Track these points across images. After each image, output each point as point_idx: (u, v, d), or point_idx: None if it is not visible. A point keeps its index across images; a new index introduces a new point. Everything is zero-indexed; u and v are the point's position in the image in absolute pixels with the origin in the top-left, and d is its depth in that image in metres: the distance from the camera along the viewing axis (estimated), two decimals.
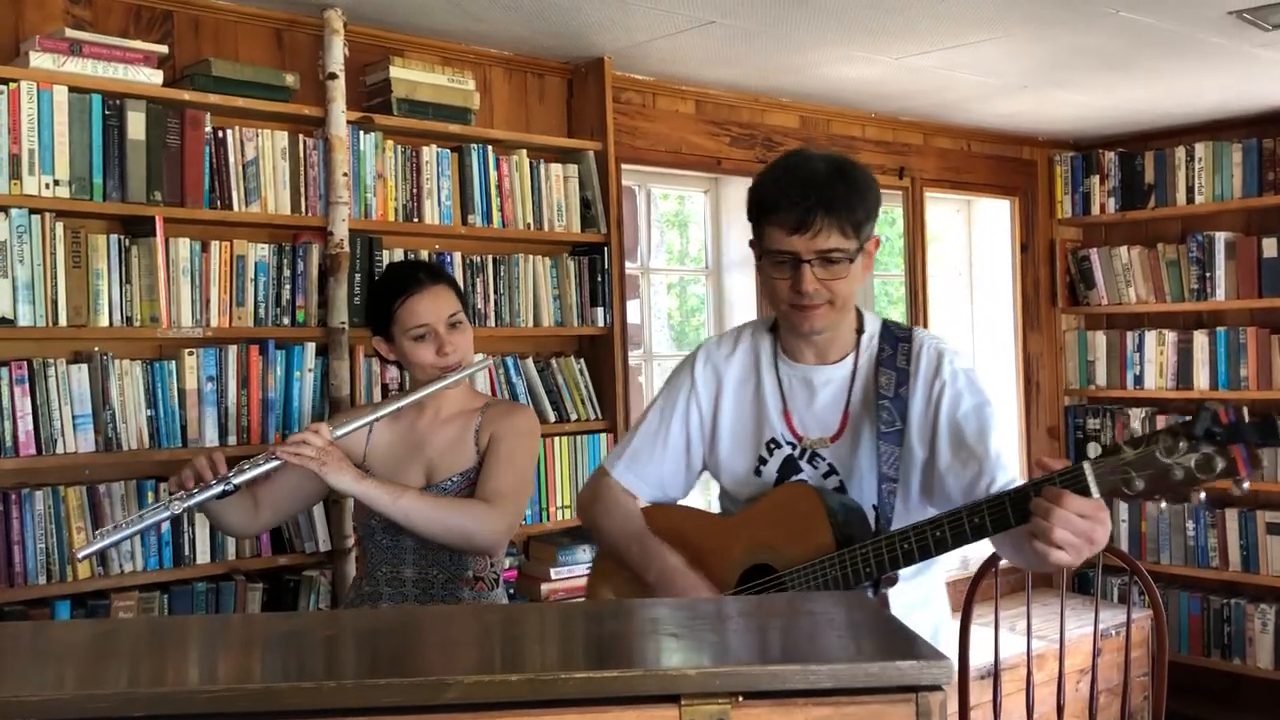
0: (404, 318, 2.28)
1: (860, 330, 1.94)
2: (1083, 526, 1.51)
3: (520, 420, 2.35)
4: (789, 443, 1.93)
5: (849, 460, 1.89)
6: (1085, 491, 1.53)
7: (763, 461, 1.95)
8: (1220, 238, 4.63)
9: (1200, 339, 4.71)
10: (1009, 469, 1.80)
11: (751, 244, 1.91)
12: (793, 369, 1.95)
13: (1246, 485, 1.49)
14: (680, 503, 2.12)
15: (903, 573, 1.80)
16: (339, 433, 2.14)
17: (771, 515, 1.88)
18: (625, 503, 2.05)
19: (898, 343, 1.91)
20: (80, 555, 2.02)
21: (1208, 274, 4.66)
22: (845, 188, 1.79)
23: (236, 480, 2.05)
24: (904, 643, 1.07)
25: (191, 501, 2.03)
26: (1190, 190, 4.73)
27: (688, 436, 2.02)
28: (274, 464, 2.09)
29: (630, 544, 1.98)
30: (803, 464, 1.92)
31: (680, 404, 2.02)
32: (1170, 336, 4.81)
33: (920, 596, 1.92)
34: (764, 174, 1.87)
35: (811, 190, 1.78)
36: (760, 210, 1.85)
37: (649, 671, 1.00)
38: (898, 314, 4.71)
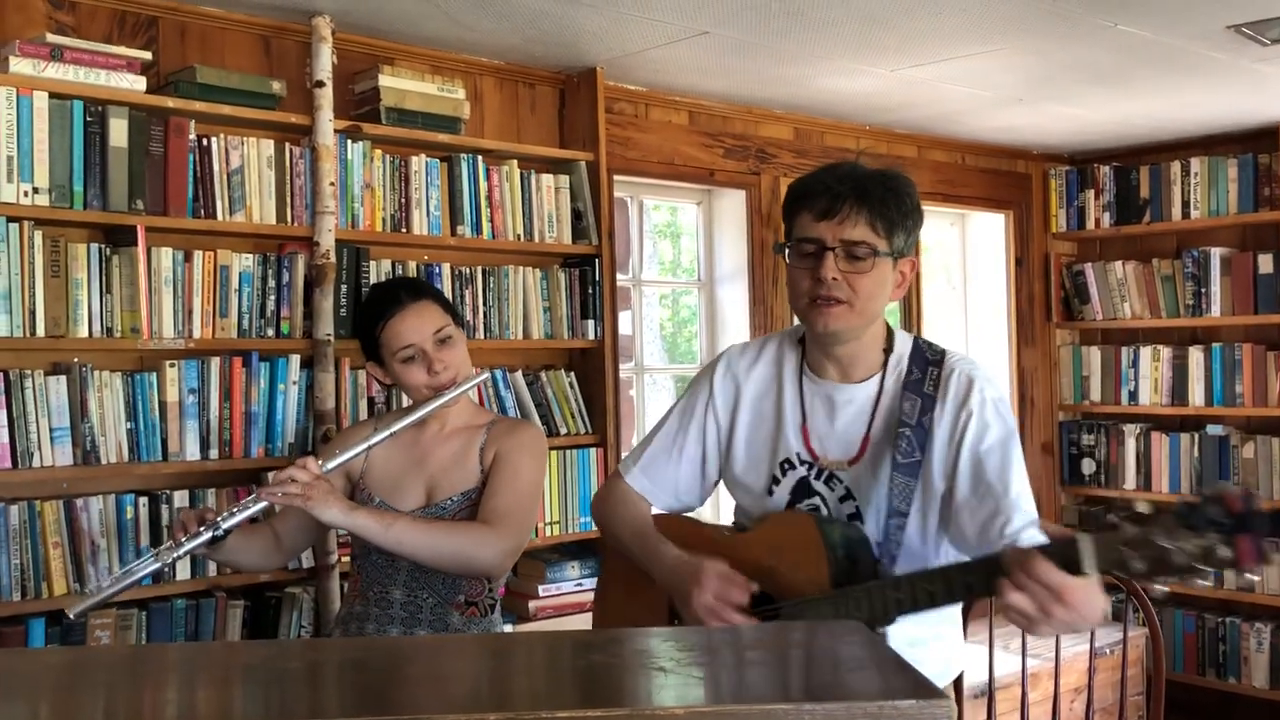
0: (389, 340, 2.23)
1: (889, 350, 1.87)
2: (1042, 597, 1.43)
3: (526, 437, 2.29)
4: (805, 462, 1.86)
5: (867, 486, 1.82)
6: (1077, 563, 1.45)
7: (775, 481, 1.88)
8: (1215, 253, 4.61)
9: (1195, 355, 4.68)
10: (1026, 510, 1.72)
11: (781, 249, 1.87)
12: (815, 385, 1.88)
13: (1256, 577, 1.43)
14: (691, 514, 2.07)
15: None
16: (329, 466, 2.08)
17: (773, 541, 1.82)
18: (634, 502, 2.01)
19: (928, 366, 1.83)
20: (72, 614, 1.99)
21: (1203, 290, 4.63)
22: (881, 186, 1.78)
23: (225, 525, 2.01)
24: (903, 680, 1.02)
25: (181, 551, 2.00)
26: (1186, 205, 4.70)
27: (704, 447, 1.97)
28: (261, 505, 2.05)
29: (634, 541, 1.94)
30: (818, 485, 1.85)
31: (698, 412, 1.97)
32: (1165, 352, 4.78)
33: (930, 631, 1.85)
34: (806, 173, 1.87)
35: (848, 180, 1.77)
36: (793, 200, 1.83)
37: (635, 711, 0.95)
38: None
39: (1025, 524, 1.69)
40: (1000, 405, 1.80)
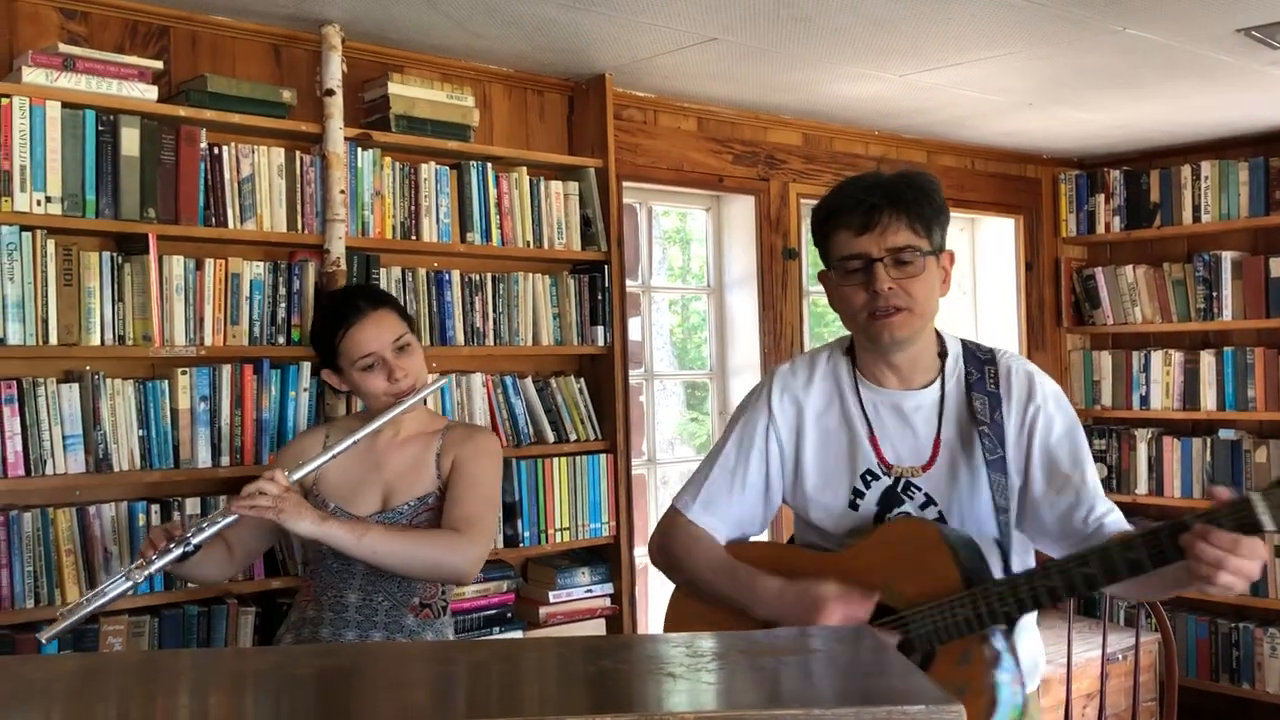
0: (349, 349, 2.25)
1: (943, 353, 1.88)
2: (1246, 568, 1.52)
3: (483, 442, 2.32)
4: (883, 472, 1.85)
5: (947, 489, 1.83)
6: (1254, 523, 1.50)
7: (858, 494, 1.86)
8: (1227, 257, 4.59)
9: (1207, 359, 4.67)
10: (1104, 497, 1.80)
11: (820, 275, 1.88)
12: (877, 394, 1.87)
13: None
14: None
15: None
16: (295, 476, 2.09)
17: (884, 552, 1.77)
18: (705, 538, 1.93)
19: (983, 365, 1.87)
20: (45, 639, 1.97)
21: (1214, 293, 4.62)
22: (910, 188, 1.79)
23: (195, 540, 2.01)
24: (912, 685, 1.03)
25: (152, 568, 2.00)
26: (1196, 209, 4.69)
27: (767, 472, 1.91)
28: (231, 519, 2.05)
29: (719, 578, 1.86)
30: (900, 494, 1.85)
31: (758, 437, 1.91)
32: (1177, 356, 4.77)
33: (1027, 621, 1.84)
34: (828, 193, 1.87)
35: (876, 189, 1.78)
36: (825, 219, 1.83)
37: (644, 716, 0.96)
38: None
39: (1107, 509, 1.78)
40: (1060, 398, 1.86)
